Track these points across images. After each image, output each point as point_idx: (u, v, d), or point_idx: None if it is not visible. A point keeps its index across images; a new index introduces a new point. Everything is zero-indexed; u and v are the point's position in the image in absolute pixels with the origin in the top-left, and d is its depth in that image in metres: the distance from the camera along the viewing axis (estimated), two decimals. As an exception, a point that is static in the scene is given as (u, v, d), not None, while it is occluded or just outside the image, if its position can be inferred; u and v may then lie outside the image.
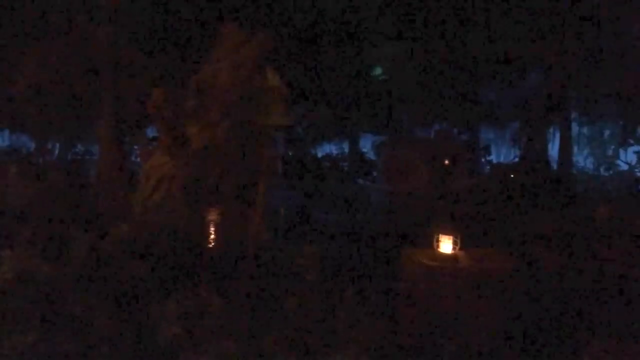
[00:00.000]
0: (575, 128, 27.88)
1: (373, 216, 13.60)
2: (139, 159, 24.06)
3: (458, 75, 20.46)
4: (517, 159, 24.29)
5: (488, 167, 25.25)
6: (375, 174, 25.57)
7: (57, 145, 24.01)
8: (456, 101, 22.22)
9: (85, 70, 13.91)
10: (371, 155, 28.72)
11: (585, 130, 39.09)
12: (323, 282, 5.45)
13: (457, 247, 5.96)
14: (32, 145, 29.30)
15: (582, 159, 40.56)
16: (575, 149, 30.11)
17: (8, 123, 26.49)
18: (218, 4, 12.32)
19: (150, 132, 16.15)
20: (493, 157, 30.30)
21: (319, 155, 29.46)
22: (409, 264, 5.82)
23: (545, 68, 19.26)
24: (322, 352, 4.22)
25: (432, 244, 6.05)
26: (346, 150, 30.32)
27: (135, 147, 21.52)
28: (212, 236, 6.90)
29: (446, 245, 5.94)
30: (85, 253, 5.70)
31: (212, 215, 7.07)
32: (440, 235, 5.94)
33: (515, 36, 16.52)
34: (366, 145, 31.58)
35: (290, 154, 21.26)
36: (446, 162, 18.82)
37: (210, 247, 6.74)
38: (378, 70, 21.77)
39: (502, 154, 42.68)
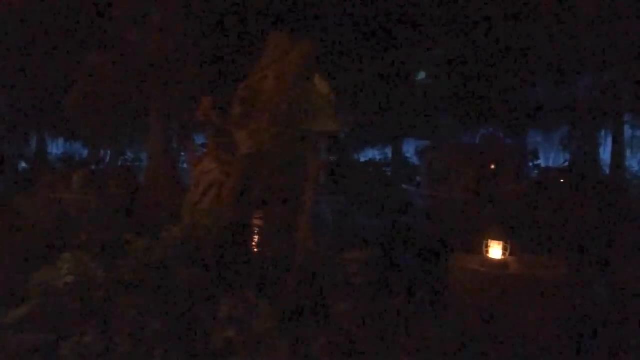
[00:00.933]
0: (628, 131, 26.83)
1: (418, 221, 13.48)
2: (185, 165, 24.67)
3: (504, 78, 20.06)
4: (566, 164, 23.62)
5: (536, 171, 24.62)
6: (419, 179, 25.35)
7: (108, 152, 24.84)
8: (502, 104, 21.80)
9: (136, 79, 14.35)
10: (415, 160, 28.50)
11: (639, 133, 37.57)
12: (371, 288, 5.44)
13: (507, 253, 5.86)
14: (85, 153, 30.47)
15: (636, 163, 38.96)
16: (628, 152, 28.99)
17: (62, 131, 27.68)
18: (265, 12, 12.51)
19: (199, 139, 16.51)
20: (541, 162, 29.51)
21: (362, 160, 29.43)
22: (457, 269, 5.75)
23: (597, 69, 18.65)
24: (372, 358, 4.21)
25: (481, 249, 5.96)
26: (389, 155, 30.17)
27: (182, 153, 22.05)
28: (260, 242, 6.99)
29: (496, 251, 5.85)
30: (139, 257, 5.88)
31: (260, 221, 7.16)
32: (489, 241, 5.86)
33: (565, 36, 16.08)
34: (409, 150, 31.38)
35: (332, 159, 21.33)
36: (492, 166, 18.50)
37: (258, 253, 6.83)
38: (422, 75, 21.61)
39: (551, 158, 41.49)
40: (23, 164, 25.97)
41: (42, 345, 4.60)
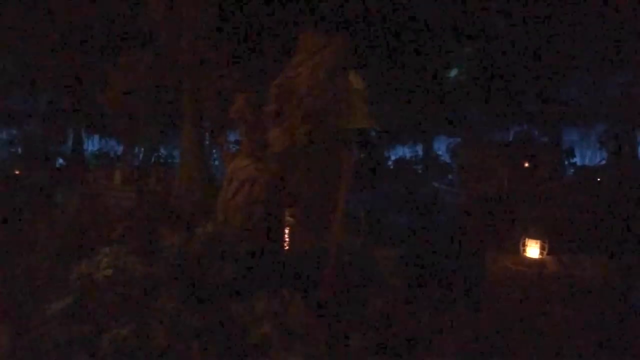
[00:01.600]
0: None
1: (450, 219, 13.32)
2: (216, 162, 24.94)
3: (539, 75, 19.66)
4: (603, 162, 23.04)
5: (572, 170, 24.08)
6: (450, 176, 25.10)
7: (142, 149, 25.28)
8: (537, 102, 21.38)
9: (169, 77, 14.56)
10: (446, 158, 28.20)
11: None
12: (406, 286, 5.40)
13: (545, 252, 5.74)
14: (119, 149, 31.08)
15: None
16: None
17: (98, 128, 28.32)
18: (298, 9, 12.53)
19: (232, 136, 16.66)
20: (577, 160, 28.83)
21: (393, 158, 29.24)
22: (493, 268, 5.66)
23: (636, 65, 18.11)
24: (407, 355, 4.18)
25: (517, 248, 5.86)
26: (420, 153, 29.90)
27: (214, 150, 22.29)
28: (293, 239, 7.01)
29: (533, 250, 5.75)
30: (174, 252, 5.96)
31: (293, 218, 7.19)
32: (527, 240, 5.75)
33: (603, 33, 15.67)
34: (440, 147, 31.02)
35: (363, 156, 21.26)
36: (526, 164, 18.18)
37: (291, 249, 6.85)
38: (454, 71, 21.35)
39: (587, 156, 40.50)
40: (60, 161, 26.66)
41: (82, 336, 4.71)
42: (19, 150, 28.20)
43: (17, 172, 20.95)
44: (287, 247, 6.82)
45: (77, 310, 4.91)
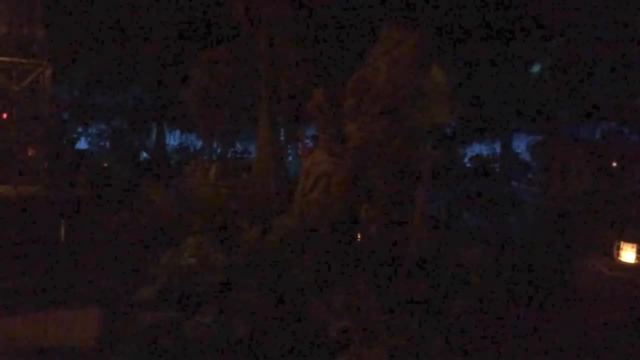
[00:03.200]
0: None
1: (532, 219, 12.77)
2: (290, 158, 25.28)
3: (629, 69, 18.41)
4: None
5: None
6: (530, 175, 24.09)
7: (220, 144, 26.01)
8: (626, 97, 20.05)
9: (246, 73, 14.88)
10: (525, 156, 27.09)
11: None
12: (489, 287, 5.20)
13: (643, 258, 5.36)
14: (199, 144, 32.18)
15: None
16: None
17: (179, 124, 29.45)
18: (377, 3, 12.44)
19: (310, 131, 16.79)
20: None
21: (469, 155, 28.45)
22: (584, 272, 5.34)
23: None
24: (491, 358, 4.03)
25: (609, 251, 5.50)
26: (498, 150, 28.88)
27: (289, 145, 22.58)
28: (369, 234, 6.93)
29: (629, 254, 5.37)
30: (253, 244, 6.06)
31: (370, 214, 7.10)
32: (621, 243, 5.38)
33: None
34: (520, 145, 29.82)
35: (440, 153, 20.74)
36: (614, 164, 17.16)
37: (367, 245, 6.78)
38: (537, 66, 20.44)
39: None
40: (144, 154, 27.96)
41: (167, 322, 4.89)
42: (107, 144, 29.83)
43: (105, 165, 22.17)
44: (365, 242, 6.75)
45: (162, 297, 5.10)
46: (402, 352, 3.93)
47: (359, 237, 6.91)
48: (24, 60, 11.62)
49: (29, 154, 11.80)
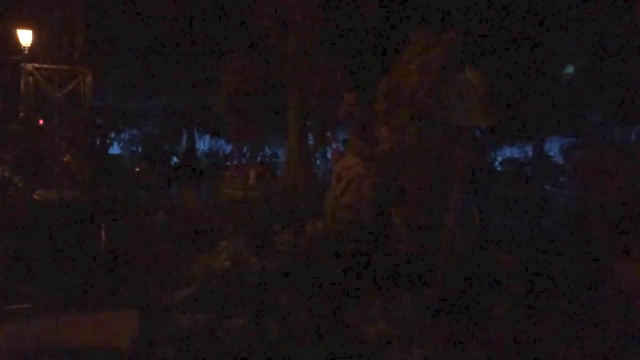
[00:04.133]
0: None
1: (566, 224, 12.49)
2: (318, 162, 25.32)
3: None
4: None
5: None
6: (563, 179, 23.63)
7: (249, 148, 26.23)
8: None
9: (276, 77, 14.97)
10: (558, 159, 26.63)
11: None
12: (526, 292, 5.11)
13: (687, 264, 5.19)
14: (228, 149, 32.51)
15: None
16: None
17: (209, 129, 29.83)
18: (408, 6, 12.40)
19: (341, 134, 16.80)
20: None
21: (500, 159, 28.08)
22: (625, 279, 5.21)
23: None
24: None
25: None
26: (529, 153, 28.42)
27: (317, 153, 22.63)
28: (401, 238, 6.90)
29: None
30: (286, 247, 6.09)
31: (402, 218, 7.07)
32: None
33: None
34: (552, 148, 29.32)
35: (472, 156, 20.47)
36: (651, 167, 16.66)
37: (401, 250, 6.74)
38: (569, 68, 20.07)
39: None
40: (175, 159, 28.40)
41: (202, 324, 4.94)
42: (139, 149, 30.39)
43: (137, 169, 22.57)
44: (397, 247, 6.72)
45: (198, 300, 5.16)
46: (440, 358, 3.90)
47: (391, 241, 6.88)
48: (65, 67, 11.99)
49: (66, 159, 12.12)
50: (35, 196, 8.56)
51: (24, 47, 11.77)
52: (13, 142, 10.88)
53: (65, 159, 12.39)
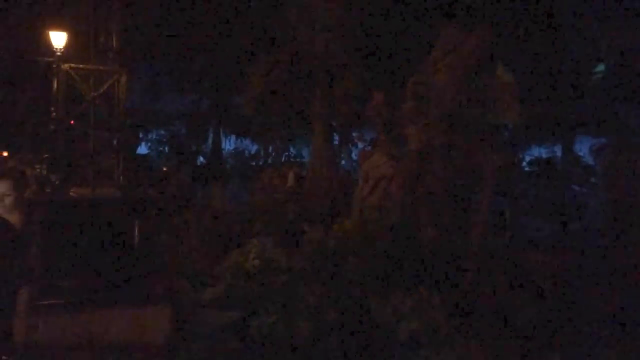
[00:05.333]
0: None
1: (595, 225, 12.27)
2: (343, 161, 25.32)
3: None
4: None
5: None
6: (593, 180, 23.18)
7: (274, 148, 26.43)
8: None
9: (303, 77, 14.99)
10: (588, 160, 26.10)
11: None
12: (561, 294, 5.03)
13: None
14: (253, 149, 32.77)
15: None
16: None
17: (235, 129, 30.08)
18: (435, 4, 12.30)
19: (368, 134, 16.77)
20: None
21: (527, 158, 27.65)
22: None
23: None
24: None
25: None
26: (558, 153, 27.94)
27: (342, 152, 22.64)
28: (430, 237, 6.85)
29: None
30: (315, 246, 6.11)
31: (431, 217, 7.03)
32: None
33: None
34: (582, 148, 28.77)
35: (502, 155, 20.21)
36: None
37: (429, 248, 6.69)
38: (601, 66, 19.68)
39: None
40: (201, 159, 28.74)
41: (232, 322, 4.99)
42: (166, 149, 30.83)
43: (164, 169, 22.91)
44: (426, 246, 6.68)
45: (228, 298, 5.21)
46: (472, 358, 3.86)
47: (421, 240, 6.84)
48: (101, 68, 12.23)
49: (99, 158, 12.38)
50: (71, 194, 8.80)
51: (57, 49, 12.03)
52: (50, 142, 11.18)
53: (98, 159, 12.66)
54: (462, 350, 3.91)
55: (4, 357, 3.28)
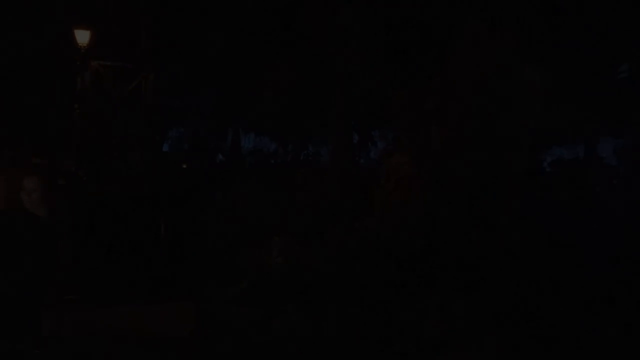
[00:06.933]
0: None
1: (620, 228, 12.05)
2: (362, 161, 25.21)
3: None
4: None
5: None
6: (616, 181, 22.77)
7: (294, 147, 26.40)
8: None
9: (321, 74, 14.94)
10: (611, 161, 25.65)
11: None
12: (591, 297, 4.95)
13: None
14: (272, 147, 32.78)
15: None
16: None
17: (254, 126, 30.10)
18: (457, 4, 12.18)
19: (389, 133, 16.69)
20: None
21: (548, 160, 27.25)
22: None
23: None
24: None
25: None
26: (580, 155, 27.45)
27: (361, 152, 22.53)
28: (454, 239, 6.80)
29: None
30: (338, 245, 6.11)
31: (453, 217, 6.98)
32: None
33: None
34: (604, 149, 28.26)
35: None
36: None
37: (451, 250, 6.65)
38: (625, 67, 19.33)
39: None
40: (220, 156, 28.83)
41: (256, 319, 5.01)
42: (186, 146, 30.95)
43: (184, 166, 23.03)
44: (448, 247, 6.63)
45: (251, 294, 5.24)
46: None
47: (445, 241, 6.80)
48: (130, 65, 12.35)
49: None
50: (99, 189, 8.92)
51: (81, 45, 12.18)
52: (79, 138, 11.34)
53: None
54: (488, 352, 3.87)
55: (36, 351, 3.33)
